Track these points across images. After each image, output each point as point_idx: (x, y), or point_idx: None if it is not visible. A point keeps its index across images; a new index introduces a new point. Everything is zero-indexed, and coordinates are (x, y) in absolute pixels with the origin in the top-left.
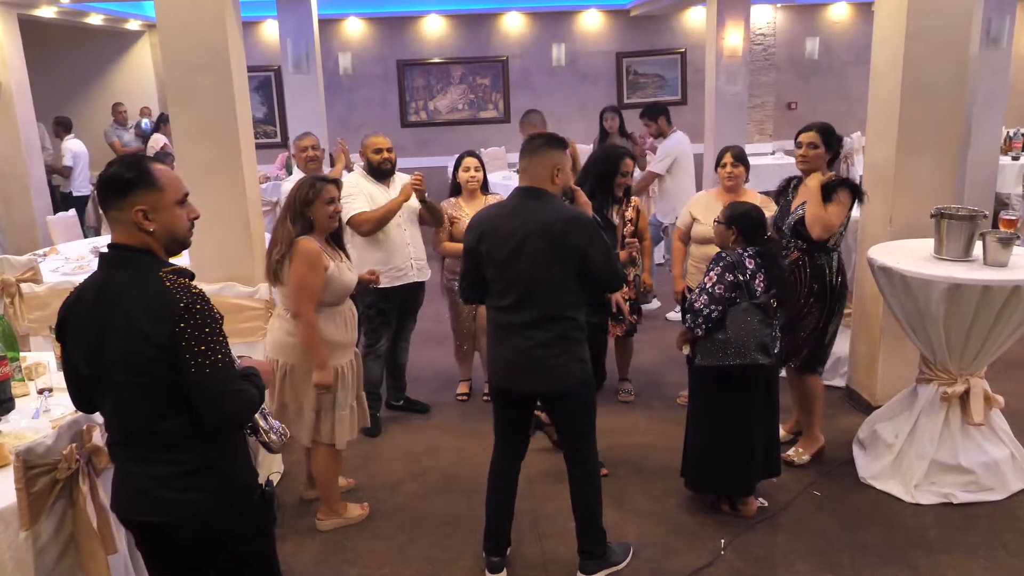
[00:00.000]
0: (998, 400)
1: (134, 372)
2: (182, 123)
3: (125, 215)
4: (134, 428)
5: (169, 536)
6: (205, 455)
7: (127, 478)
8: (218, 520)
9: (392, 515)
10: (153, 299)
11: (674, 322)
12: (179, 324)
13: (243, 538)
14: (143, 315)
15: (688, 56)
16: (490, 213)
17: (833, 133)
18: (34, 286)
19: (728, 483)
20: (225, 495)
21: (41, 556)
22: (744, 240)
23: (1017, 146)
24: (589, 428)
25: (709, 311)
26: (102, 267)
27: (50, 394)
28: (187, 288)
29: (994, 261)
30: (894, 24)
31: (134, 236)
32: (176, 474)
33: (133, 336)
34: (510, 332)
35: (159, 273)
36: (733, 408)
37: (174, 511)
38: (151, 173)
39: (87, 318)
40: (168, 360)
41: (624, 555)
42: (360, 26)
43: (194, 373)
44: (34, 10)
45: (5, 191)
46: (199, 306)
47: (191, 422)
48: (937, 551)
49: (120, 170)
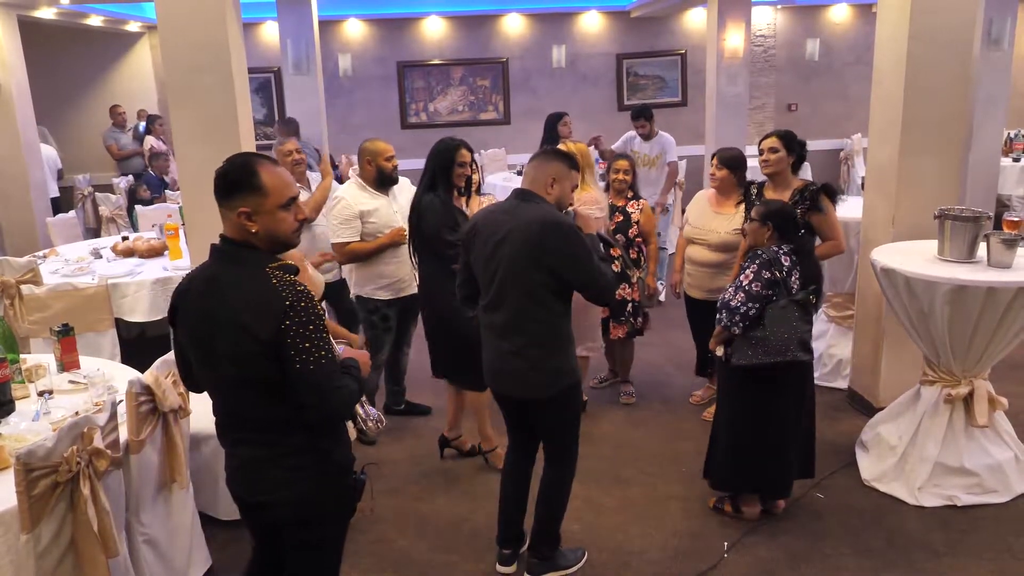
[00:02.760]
0: (1002, 402)
1: (241, 365)
2: (183, 124)
3: (231, 213)
4: (242, 414)
5: (273, 519)
6: (310, 438)
7: (237, 460)
8: (315, 500)
9: (394, 517)
10: (259, 296)
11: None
12: (284, 322)
13: (329, 520)
14: (248, 312)
15: (688, 57)
16: (487, 210)
17: (794, 138)
18: (34, 288)
19: (767, 483)
20: (326, 476)
21: (42, 559)
22: (779, 237)
23: (1018, 147)
24: (570, 434)
25: (747, 309)
26: (212, 258)
27: (50, 396)
28: (293, 285)
29: (998, 262)
30: (896, 25)
31: (240, 232)
32: (283, 454)
33: (239, 331)
34: (490, 333)
35: (265, 269)
36: (772, 407)
37: (281, 489)
38: (257, 176)
39: (196, 308)
40: (273, 356)
41: (575, 560)
42: (360, 27)
43: (298, 369)
44: (34, 11)
45: (5, 192)
46: (303, 304)
47: (294, 412)
48: (941, 554)
49: (227, 169)
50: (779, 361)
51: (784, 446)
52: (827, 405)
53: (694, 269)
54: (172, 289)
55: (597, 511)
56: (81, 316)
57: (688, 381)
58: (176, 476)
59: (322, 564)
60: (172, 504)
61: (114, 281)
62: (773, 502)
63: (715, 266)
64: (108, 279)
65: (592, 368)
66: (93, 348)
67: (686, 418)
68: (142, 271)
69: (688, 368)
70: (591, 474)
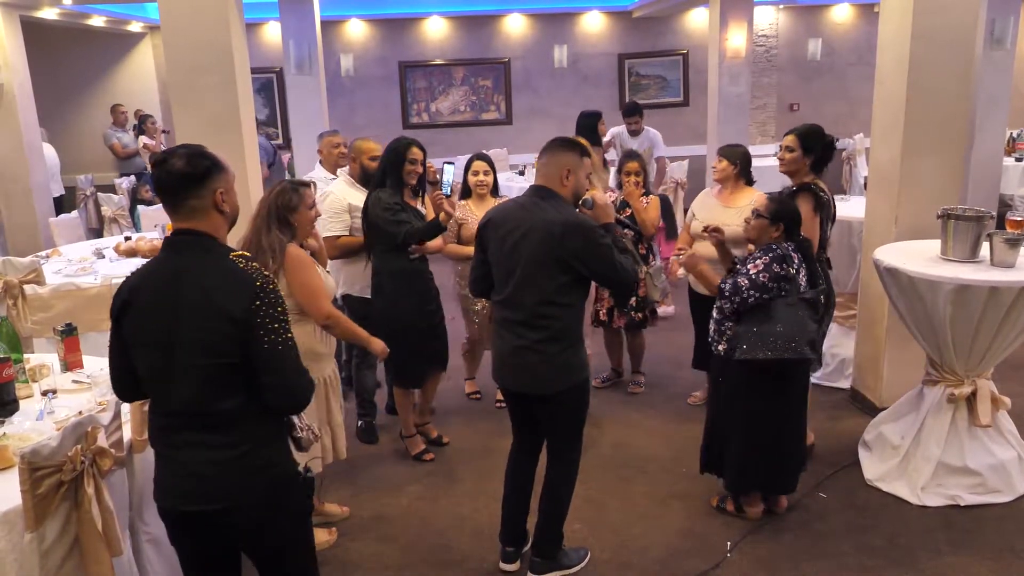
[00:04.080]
0: (1005, 402)
1: (209, 351)
2: (185, 124)
3: (204, 201)
4: (198, 410)
5: (218, 525)
6: (255, 438)
7: (179, 467)
8: (266, 505)
9: (395, 517)
10: (230, 278)
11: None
12: (255, 301)
13: (285, 524)
14: (221, 293)
15: (690, 57)
16: (503, 206)
17: (813, 136)
18: (37, 288)
19: (775, 481)
20: (273, 480)
21: (46, 558)
22: (787, 236)
23: (1021, 147)
24: (575, 432)
25: (746, 295)
26: (170, 251)
27: (54, 396)
28: (259, 270)
29: (1001, 262)
30: (899, 24)
31: (206, 222)
32: (232, 458)
33: (211, 313)
34: (504, 327)
35: (230, 256)
36: (775, 403)
37: (233, 497)
38: (216, 156)
39: (159, 299)
40: (242, 337)
41: (578, 559)
42: (362, 28)
43: (267, 349)
44: (36, 12)
45: (7, 192)
46: (272, 286)
47: (247, 404)
48: (944, 553)
49: (194, 161)
50: (787, 357)
51: (796, 441)
52: (830, 405)
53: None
54: None
55: (599, 510)
56: (84, 316)
57: (690, 380)
58: None
59: (296, 569)
60: None
61: (117, 281)
62: (776, 501)
63: None
64: (111, 279)
65: (594, 368)
66: (96, 348)
67: (688, 417)
68: None
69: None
70: (593, 473)
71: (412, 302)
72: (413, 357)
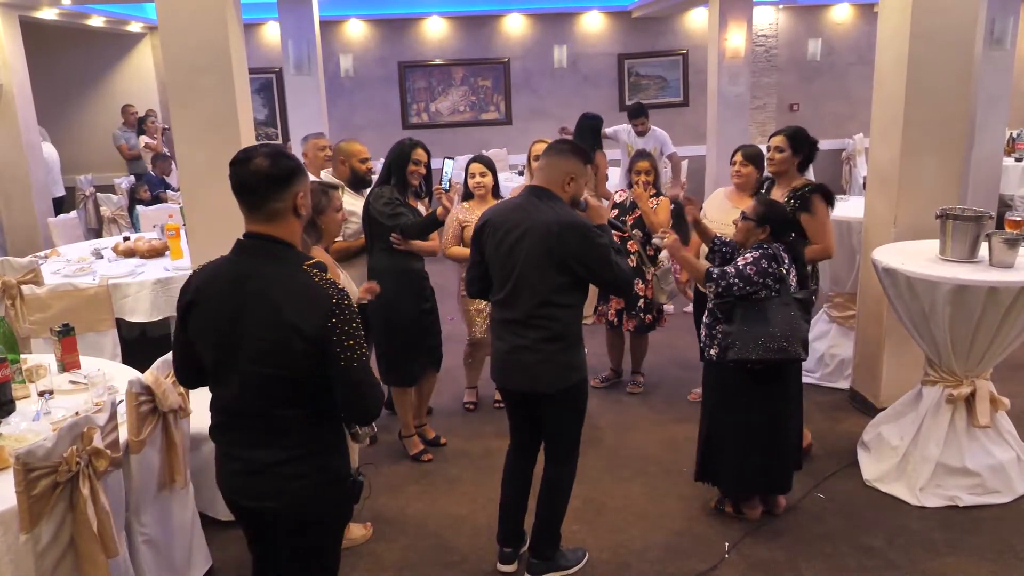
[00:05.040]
0: (1004, 402)
1: (274, 363)
2: (183, 124)
3: (286, 204)
4: (256, 412)
5: (272, 522)
6: (311, 442)
7: (234, 462)
8: (316, 505)
9: (394, 517)
10: (304, 292)
11: (689, 314)
12: (331, 319)
13: (328, 525)
14: (294, 310)
15: (690, 57)
16: (500, 207)
17: (802, 138)
18: (35, 288)
19: (773, 482)
20: (326, 481)
21: (41, 559)
22: (774, 238)
23: (1021, 147)
24: (573, 433)
25: (732, 281)
26: (241, 254)
27: (50, 396)
28: (333, 283)
29: (1000, 262)
30: (898, 24)
31: (282, 226)
32: (286, 459)
33: (283, 329)
34: (503, 328)
35: (303, 267)
36: (770, 404)
37: (284, 496)
38: (296, 158)
39: (223, 304)
40: (315, 354)
41: (576, 560)
42: (361, 28)
43: (343, 366)
44: (35, 12)
45: (6, 193)
46: (347, 302)
47: (314, 411)
48: (943, 554)
49: (280, 161)
50: (780, 358)
51: (788, 442)
52: (828, 405)
53: None
54: (173, 289)
55: (598, 511)
56: (82, 316)
57: (690, 380)
58: (176, 476)
59: (321, 570)
60: (172, 504)
61: (115, 281)
62: (774, 501)
63: None
64: (109, 279)
65: (593, 368)
66: (94, 348)
67: (688, 418)
68: (143, 271)
69: (689, 367)
70: (592, 474)
71: (407, 300)
72: (407, 355)
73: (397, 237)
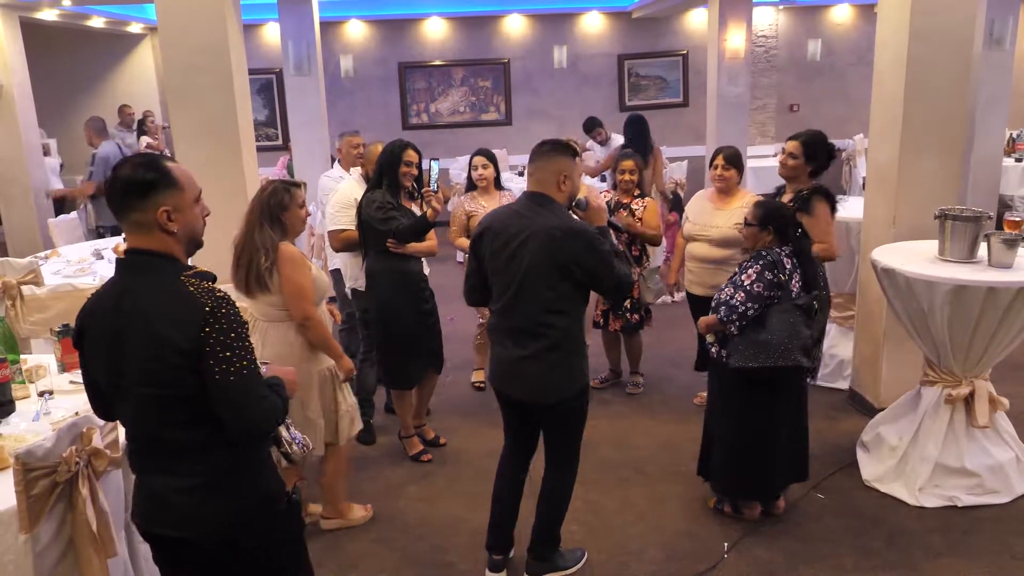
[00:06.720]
0: (1003, 402)
1: (156, 383)
2: (183, 124)
3: (147, 216)
4: (156, 437)
5: (187, 550)
6: (228, 466)
7: (147, 489)
8: (243, 532)
9: (393, 518)
10: (176, 304)
11: (678, 303)
12: (204, 329)
13: (273, 548)
14: (166, 321)
15: (690, 58)
16: (498, 213)
17: (816, 145)
18: (35, 288)
19: (757, 487)
20: (248, 506)
21: (40, 559)
22: (779, 239)
23: (1021, 148)
24: (573, 439)
25: (745, 308)
26: (120, 273)
27: (50, 396)
28: (211, 291)
29: (999, 262)
30: (897, 24)
31: (154, 239)
32: (197, 486)
33: (156, 343)
34: (505, 335)
35: (180, 277)
36: (765, 410)
37: (193, 525)
38: (171, 171)
39: (106, 326)
40: (193, 367)
41: (575, 561)
42: (361, 28)
43: (218, 380)
44: (36, 13)
45: (6, 193)
46: (224, 310)
47: (214, 432)
48: (942, 554)
49: (139, 171)
50: (780, 365)
51: (774, 450)
52: (828, 405)
53: (696, 266)
54: None
55: (597, 512)
56: None
57: (688, 380)
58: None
59: None
60: None
61: None
62: (774, 502)
63: (717, 262)
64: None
65: (592, 368)
66: None
67: (686, 418)
68: None
69: (688, 367)
70: (591, 475)
71: (405, 303)
72: (407, 358)
73: (392, 242)
